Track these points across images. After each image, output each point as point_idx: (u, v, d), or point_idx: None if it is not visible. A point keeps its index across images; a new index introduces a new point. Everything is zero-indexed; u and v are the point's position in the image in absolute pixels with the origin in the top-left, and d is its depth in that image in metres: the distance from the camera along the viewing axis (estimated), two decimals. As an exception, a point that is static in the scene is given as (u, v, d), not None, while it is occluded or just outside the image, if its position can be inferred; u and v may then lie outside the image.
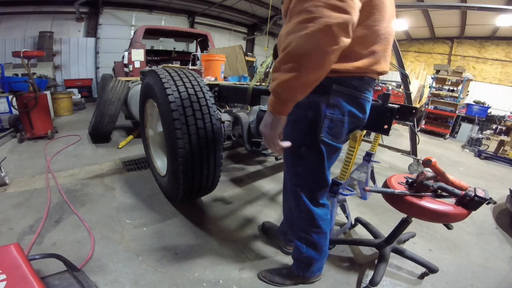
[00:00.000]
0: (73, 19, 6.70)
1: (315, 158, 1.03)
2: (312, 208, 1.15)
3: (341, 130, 0.99)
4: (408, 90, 3.10)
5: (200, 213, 1.94)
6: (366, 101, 1.01)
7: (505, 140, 4.61)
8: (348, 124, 0.99)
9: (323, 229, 1.20)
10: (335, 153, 1.08)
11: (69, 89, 6.10)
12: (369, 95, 1.01)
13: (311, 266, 1.29)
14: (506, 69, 7.21)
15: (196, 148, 1.54)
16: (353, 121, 1.00)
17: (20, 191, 2.05)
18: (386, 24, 0.89)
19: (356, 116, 1.00)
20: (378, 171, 3.02)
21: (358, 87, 0.95)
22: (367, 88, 0.98)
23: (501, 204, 2.49)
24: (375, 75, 0.99)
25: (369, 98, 1.02)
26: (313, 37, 0.67)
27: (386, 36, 0.91)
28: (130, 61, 4.42)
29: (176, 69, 1.74)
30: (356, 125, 1.04)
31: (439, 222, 1.20)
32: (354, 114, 0.98)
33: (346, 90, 0.94)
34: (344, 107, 0.95)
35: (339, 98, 0.94)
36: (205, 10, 8.13)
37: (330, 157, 1.07)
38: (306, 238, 1.22)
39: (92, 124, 3.27)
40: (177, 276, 1.34)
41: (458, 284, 1.48)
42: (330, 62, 0.73)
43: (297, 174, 1.12)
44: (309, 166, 1.07)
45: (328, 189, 1.18)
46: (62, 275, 1.05)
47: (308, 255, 1.25)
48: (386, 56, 0.96)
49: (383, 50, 0.92)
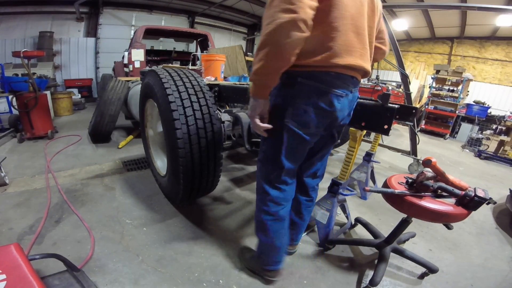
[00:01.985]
0: (73, 19, 6.70)
1: (277, 140, 1.14)
2: (265, 186, 1.22)
3: (308, 120, 1.08)
4: (408, 90, 3.10)
5: (200, 213, 1.94)
6: (335, 95, 1.05)
7: (505, 140, 4.61)
8: (315, 115, 1.06)
9: (274, 212, 1.22)
10: (301, 143, 1.14)
11: (69, 89, 6.10)
12: (341, 91, 1.05)
13: (262, 254, 1.33)
14: (506, 69, 7.21)
15: (196, 148, 1.54)
16: (319, 112, 1.06)
17: (20, 191, 2.05)
18: (349, 21, 0.97)
19: (321, 108, 1.05)
20: (378, 171, 3.02)
21: (324, 81, 1.02)
22: (336, 83, 1.03)
23: (501, 204, 2.49)
24: (344, 70, 1.03)
25: (341, 93, 1.06)
26: (271, 34, 0.87)
27: (347, 32, 0.98)
28: (130, 61, 4.42)
29: (176, 69, 1.74)
30: (327, 118, 1.09)
31: (439, 222, 1.20)
32: (318, 105, 1.05)
33: (310, 82, 1.03)
34: (306, 98, 1.05)
35: (302, 89, 1.05)
36: (205, 10, 8.13)
37: (294, 145, 1.13)
38: (257, 218, 1.28)
39: (92, 124, 3.27)
40: (177, 276, 1.34)
41: (458, 284, 1.48)
42: (288, 53, 0.90)
43: (261, 152, 1.24)
44: (271, 146, 1.17)
45: (284, 173, 1.19)
46: (62, 275, 1.05)
47: (258, 238, 1.31)
48: (352, 51, 1.01)
49: (345, 45, 0.98)
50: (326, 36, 0.96)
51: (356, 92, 1.17)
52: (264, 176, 1.24)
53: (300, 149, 1.17)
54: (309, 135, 1.12)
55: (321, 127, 1.12)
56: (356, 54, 1.03)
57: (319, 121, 1.09)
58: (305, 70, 1.02)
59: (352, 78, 1.09)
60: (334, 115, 1.10)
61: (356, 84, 1.14)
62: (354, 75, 1.08)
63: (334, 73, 1.02)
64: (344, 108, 1.12)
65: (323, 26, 0.95)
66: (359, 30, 1.02)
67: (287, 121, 1.08)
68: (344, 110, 1.13)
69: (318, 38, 0.96)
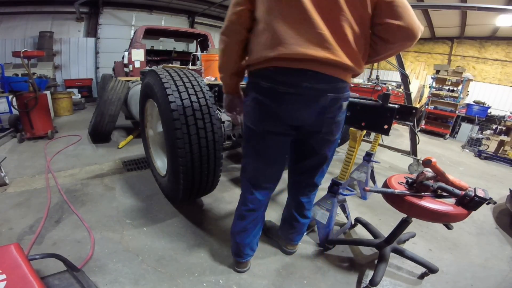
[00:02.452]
0: (73, 19, 6.69)
1: (244, 140, 1.23)
2: (242, 183, 1.30)
3: (253, 115, 1.11)
4: (408, 90, 3.10)
5: (200, 213, 1.94)
6: (279, 92, 1.00)
7: (505, 140, 4.61)
8: (258, 109, 1.07)
9: (242, 210, 1.29)
10: (256, 139, 1.14)
11: (69, 89, 6.09)
12: (284, 87, 0.98)
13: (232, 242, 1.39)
14: (506, 69, 7.20)
15: (196, 148, 1.54)
16: (263, 108, 1.05)
17: (20, 191, 2.05)
18: (277, 12, 0.93)
19: (265, 104, 1.04)
20: (378, 171, 3.02)
21: (266, 77, 1.02)
22: (277, 78, 0.99)
23: (501, 204, 2.49)
24: (286, 64, 0.95)
25: (284, 89, 0.99)
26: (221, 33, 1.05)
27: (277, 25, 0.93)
28: (130, 61, 4.42)
29: (176, 69, 1.74)
30: (271, 115, 1.05)
31: (439, 222, 1.20)
32: (261, 101, 1.05)
33: (255, 80, 1.07)
34: (251, 95, 1.09)
35: (250, 87, 1.10)
36: (205, 10, 8.12)
37: (252, 140, 1.17)
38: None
39: (92, 124, 3.27)
40: (177, 276, 1.34)
41: (458, 284, 1.48)
42: (230, 50, 1.06)
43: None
44: (243, 147, 1.26)
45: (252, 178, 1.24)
46: (62, 275, 1.05)
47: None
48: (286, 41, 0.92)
49: (276, 38, 0.93)
50: (264, 35, 0.97)
51: (322, 87, 0.98)
52: (241, 175, 1.30)
53: (260, 149, 1.15)
54: (259, 129, 1.10)
55: (269, 123, 1.07)
56: (300, 42, 0.91)
57: (265, 116, 1.07)
58: (253, 69, 1.07)
59: (306, 72, 0.95)
60: (281, 113, 1.03)
61: (318, 79, 0.96)
62: (308, 67, 0.95)
63: (273, 68, 0.98)
64: (299, 108, 1.01)
65: (262, 25, 0.97)
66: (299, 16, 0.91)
67: (243, 117, 1.18)
68: (300, 110, 1.02)
69: (257, 38, 1.00)
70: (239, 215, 1.31)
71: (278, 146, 1.15)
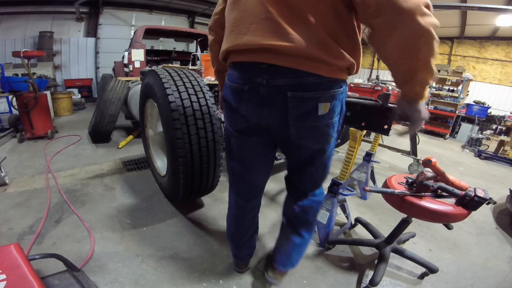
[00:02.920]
0: (73, 19, 6.69)
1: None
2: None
3: (224, 113, 1.07)
4: (408, 90, 3.09)
5: (200, 213, 1.94)
6: (235, 89, 0.93)
7: (505, 140, 4.61)
8: (225, 109, 1.04)
9: (230, 208, 1.29)
10: (231, 137, 1.08)
11: (69, 89, 6.09)
12: (236, 84, 0.91)
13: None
14: (506, 69, 7.20)
15: (196, 148, 1.54)
16: (228, 106, 1.02)
17: (20, 191, 2.05)
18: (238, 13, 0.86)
19: (228, 102, 1.01)
20: (378, 171, 3.02)
21: (229, 74, 0.98)
22: (232, 74, 0.93)
23: (501, 204, 2.49)
24: (237, 58, 0.90)
25: (236, 86, 0.92)
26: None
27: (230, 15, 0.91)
28: (130, 61, 4.41)
29: (176, 69, 1.74)
30: (235, 113, 0.98)
31: (439, 222, 1.20)
32: (225, 99, 1.02)
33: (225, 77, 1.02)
34: (223, 93, 1.04)
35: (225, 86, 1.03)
36: (205, 10, 8.12)
37: (228, 139, 1.11)
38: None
39: (92, 124, 3.27)
40: (177, 276, 1.34)
41: (458, 284, 1.48)
42: (211, 49, 1.20)
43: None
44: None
45: (233, 178, 1.21)
46: (62, 275, 1.05)
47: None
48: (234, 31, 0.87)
49: (229, 28, 0.90)
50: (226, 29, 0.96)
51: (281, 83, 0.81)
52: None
53: (235, 148, 1.07)
54: (233, 130, 1.03)
55: (237, 122, 0.99)
56: (249, 31, 0.80)
57: (231, 114, 1.01)
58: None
59: (259, 65, 0.81)
60: (242, 111, 0.93)
61: (274, 73, 0.80)
62: (261, 60, 0.80)
63: (232, 63, 0.95)
64: (258, 107, 0.88)
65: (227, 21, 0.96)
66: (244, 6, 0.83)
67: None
68: (260, 109, 0.88)
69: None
70: (228, 218, 1.31)
71: (253, 148, 1.04)
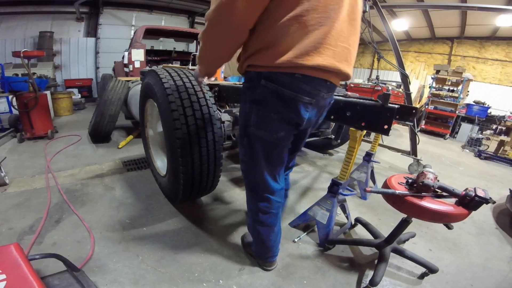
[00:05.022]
0: (73, 19, 6.69)
1: (252, 149, 1.13)
2: (252, 197, 1.30)
3: (273, 127, 1.01)
4: (408, 90, 3.09)
5: (200, 213, 1.94)
6: (302, 103, 0.95)
7: (505, 140, 4.61)
8: (279, 123, 1.00)
9: (263, 220, 1.29)
10: (274, 148, 1.08)
11: (69, 89, 6.10)
12: (309, 98, 0.94)
13: (257, 251, 1.42)
14: (506, 69, 7.20)
15: (196, 148, 1.54)
16: (284, 120, 1.00)
17: (20, 191, 2.05)
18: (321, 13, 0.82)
19: (286, 118, 0.99)
20: (378, 171, 3.02)
21: (289, 85, 0.92)
22: (303, 87, 0.92)
23: (501, 204, 2.49)
24: (313, 73, 0.90)
25: (309, 100, 0.95)
26: None
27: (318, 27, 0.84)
28: (130, 61, 4.41)
29: (176, 69, 1.74)
30: (292, 125, 1.03)
31: (440, 222, 1.20)
32: (283, 115, 0.98)
33: (273, 86, 0.93)
34: (270, 105, 0.97)
35: (265, 93, 0.95)
36: (205, 10, 8.12)
37: (268, 151, 1.09)
38: (249, 225, 1.40)
39: (92, 124, 3.27)
40: (177, 276, 1.34)
41: (458, 284, 1.48)
42: (233, 48, 1.00)
43: (241, 162, 1.21)
44: (249, 156, 1.16)
45: (266, 182, 1.18)
46: (62, 275, 1.05)
47: (252, 238, 1.42)
48: (322, 48, 0.85)
49: (314, 41, 0.84)
50: (292, 30, 0.83)
51: (330, 97, 1.08)
52: (249, 188, 1.25)
53: (276, 154, 1.12)
54: (279, 140, 1.06)
55: (288, 132, 1.06)
56: (328, 53, 0.87)
57: (285, 128, 1.02)
58: (268, 70, 0.92)
59: (325, 82, 0.96)
60: (300, 123, 1.03)
61: (331, 89, 1.02)
62: (328, 78, 0.95)
63: (301, 75, 0.89)
64: (312, 116, 1.05)
65: (289, 18, 0.82)
66: (335, 23, 0.85)
67: (253, 129, 1.04)
68: (312, 117, 1.06)
69: (282, 32, 0.83)
70: (266, 225, 1.27)
71: (287, 146, 1.16)
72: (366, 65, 10.93)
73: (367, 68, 10.84)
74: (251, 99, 1.01)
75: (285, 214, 2.00)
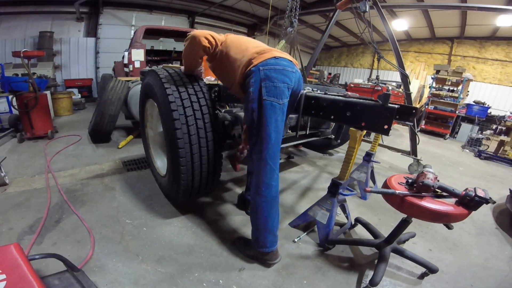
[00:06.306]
0: (73, 19, 6.70)
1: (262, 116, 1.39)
2: (258, 168, 1.40)
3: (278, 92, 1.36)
4: (408, 90, 3.10)
5: (200, 213, 1.94)
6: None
7: (505, 140, 4.61)
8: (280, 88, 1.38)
9: (266, 194, 1.38)
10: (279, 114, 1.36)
11: (69, 89, 6.10)
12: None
13: (257, 237, 1.43)
14: (506, 69, 7.21)
15: (196, 148, 1.54)
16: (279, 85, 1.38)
17: (20, 191, 2.05)
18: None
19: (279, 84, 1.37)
20: (378, 171, 3.02)
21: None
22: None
23: (501, 204, 2.49)
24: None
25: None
26: None
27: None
28: (130, 61, 4.41)
29: (176, 69, 1.74)
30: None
31: (440, 222, 1.20)
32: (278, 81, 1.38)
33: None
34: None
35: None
36: (205, 10, 8.13)
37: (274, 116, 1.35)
38: (252, 200, 1.44)
39: (92, 124, 3.27)
40: (177, 276, 1.34)
41: (458, 284, 1.48)
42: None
43: (252, 136, 1.44)
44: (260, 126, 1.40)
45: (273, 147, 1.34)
46: (62, 275, 1.05)
47: (253, 222, 1.44)
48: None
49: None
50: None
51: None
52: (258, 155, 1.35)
53: (280, 120, 1.34)
54: (281, 104, 1.32)
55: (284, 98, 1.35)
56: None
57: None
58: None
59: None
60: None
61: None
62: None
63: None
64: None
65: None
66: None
67: (264, 98, 1.30)
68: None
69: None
70: (267, 199, 1.36)
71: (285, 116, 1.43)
72: (366, 65, 10.94)
73: (367, 68, 10.85)
74: (257, 80, 1.36)
75: (285, 214, 2.00)
